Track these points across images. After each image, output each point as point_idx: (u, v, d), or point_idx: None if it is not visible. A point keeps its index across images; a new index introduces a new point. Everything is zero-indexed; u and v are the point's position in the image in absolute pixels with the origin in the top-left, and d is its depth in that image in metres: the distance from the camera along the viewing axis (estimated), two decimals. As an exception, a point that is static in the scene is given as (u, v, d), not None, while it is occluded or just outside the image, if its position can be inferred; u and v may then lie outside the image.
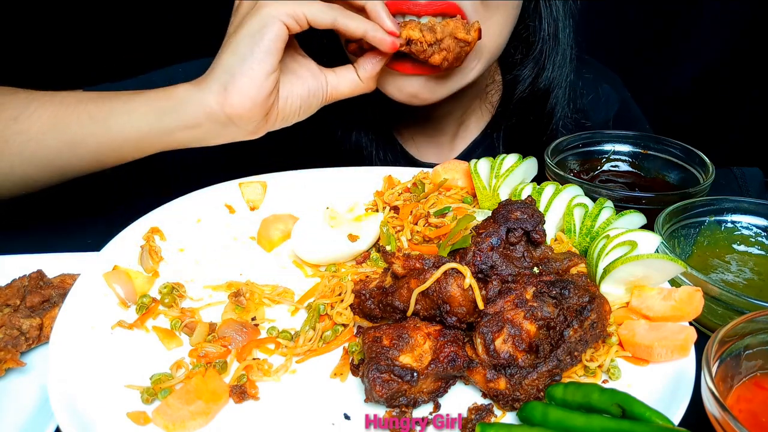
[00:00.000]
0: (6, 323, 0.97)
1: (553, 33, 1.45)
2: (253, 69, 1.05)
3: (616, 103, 1.70)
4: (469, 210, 1.17)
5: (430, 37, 1.17)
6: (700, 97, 2.47)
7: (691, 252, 1.16)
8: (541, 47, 1.46)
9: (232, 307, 1.02)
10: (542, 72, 1.47)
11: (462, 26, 1.19)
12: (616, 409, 0.73)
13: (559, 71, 1.48)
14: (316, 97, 1.20)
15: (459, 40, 1.18)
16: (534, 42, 1.46)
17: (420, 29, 1.16)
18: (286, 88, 1.16)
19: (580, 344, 0.85)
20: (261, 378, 0.89)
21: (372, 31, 1.12)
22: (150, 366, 0.90)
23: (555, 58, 1.47)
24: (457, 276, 0.86)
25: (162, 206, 1.20)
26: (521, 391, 0.81)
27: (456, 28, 1.18)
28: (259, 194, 1.29)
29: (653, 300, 0.93)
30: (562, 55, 1.47)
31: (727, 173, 1.54)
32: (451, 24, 1.18)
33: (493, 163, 1.22)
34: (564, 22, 1.46)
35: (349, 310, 0.98)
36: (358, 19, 1.11)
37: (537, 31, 1.45)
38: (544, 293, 0.87)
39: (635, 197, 1.19)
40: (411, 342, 0.85)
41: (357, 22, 1.11)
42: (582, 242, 1.09)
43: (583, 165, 1.40)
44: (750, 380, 0.84)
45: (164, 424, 0.79)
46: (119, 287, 1.01)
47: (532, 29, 1.45)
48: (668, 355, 0.87)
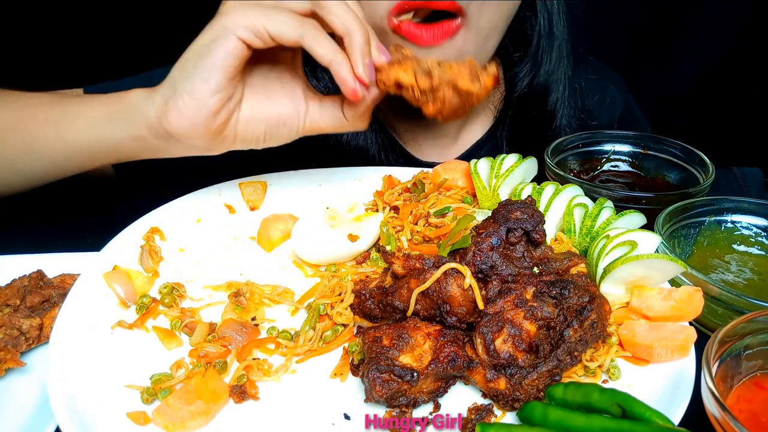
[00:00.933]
0: (6, 323, 0.97)
1: (548, 27, 1.45)
2: (195, 87, 0.94)
3: (621, 104, 1.70)
4: (469, 210, 1.17)
5: (424, 83, 0.98)
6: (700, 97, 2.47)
7: (691, 252, 1.16)
8: (538, 42, 1.45)
9: (232, 307, 1.02)
10: (540, 67, 1.47)
11: (468, 73, 0.97)
12: (616, 409, 0.73)
13: (556, 65, 1.47)
14: (287, 126, 1.05)
15: (461, 91, 0.98)
16: (531, 38, 1.46)
17: (414, 72, 0.98)
18: (251, 109, 1.02)
19: (580, 344, 0.85)
20: (261, 378, 0.89)
21: (337, 66, 0.94)
22: (150, 366, 0.90)
23: (551, 52, 1.46)
24: (457, 276, 0.86)
25: (162, 206, 1.20)
26: (521, 391, 0.81)
27: (458, 75, 0.97)
28: (259, 194, 1.29)
29: (653, 300, 0.93)
30: (558, 49, 1.46)
31: (727, 173, 1.54)
32: (454, 68, 0.98)
33: (493, 163, 1.22)
34: (558, 15, 1.46)
35: (349, 310, 0.98)
36: (329, 45, 0.94)
37: (533, 26, 1.44)
38: (544, 293, 0.87)
39: (635, 197, 1.19)
40: (411, 342, 0.85)
41: (326, 49, 0.93)
42: (582, 242, 1.09)
43: (583, 165, 1.40)
44: (750, 380, 0.84)
45: (164, 424, 0.79)
46: (119, 287, 1.01)
47: (528, 25, 1.45)
48: (668, 355, 0.87)
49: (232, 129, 1.02)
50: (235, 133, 1.03)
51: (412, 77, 0.98)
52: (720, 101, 2.47)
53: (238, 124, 1.02)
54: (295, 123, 1.06)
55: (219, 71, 0.93)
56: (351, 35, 0.94)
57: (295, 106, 1.05)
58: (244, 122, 1.02)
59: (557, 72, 1.48)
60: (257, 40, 0.93)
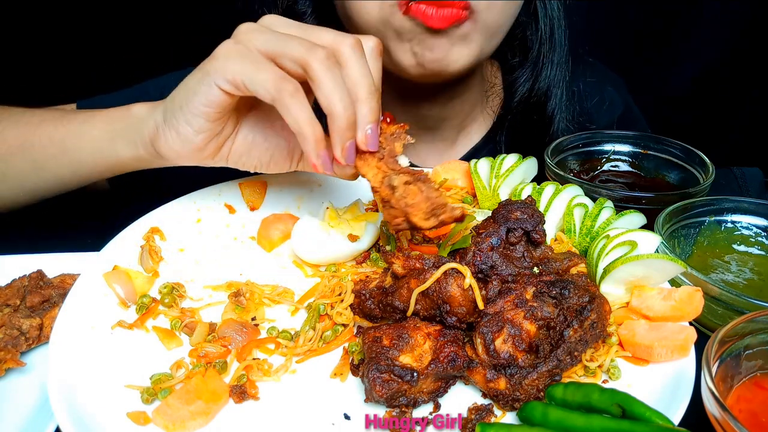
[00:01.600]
0: (6, 323, 0.97)
1: (549, 33, 1.45)
2: (180, 127, 0.97)
3: (621, 106, 1.70)
4: (469, 210, 1.17)
5: (386, 193, 0.92)
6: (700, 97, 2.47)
7: (691, 252, 1.16)
8: (539, 48, 1.46)
9: (232, 307, 1.02)
10: (540, 73, 1.47)
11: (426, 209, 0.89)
12: (616, 409, 0.73)
13: (556, 71, 1.47)
14: (278, 165, 1.09)
15: (410, 222, 0.91)
16: (531, 44, 1.46)
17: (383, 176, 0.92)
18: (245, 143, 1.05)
19: (580, 344, 0.85)
20: (261, 378, 0.89)
21: (302, 139, 0.90)
22: (150, 366, 0.90)
23: (552, 57, 1.47)
24: (457, 276, 0.86)
25: (162, 206, 1.20)
26: (521, 391, 0.81)
27: (415, 208, 0.89)
28: (259, 194, 1.29)
29: (653, 300, 0.93)
30: (558, 55, 1.47)
31: (727, 173, 1.54)
32: (416, 197, 0.89)
33: (493, 163, 1.22)
34: (560, 21, 1.46)
35: (349, 310, 0.98)
36: (302, 114, 0.88)
37: (534, 32, 1.45)
38: (544, 293, 0.87)
39: (635, 197, 1.19)
40: (411, 342, 0.85)
41: (295, 118, 0.88)
42: (582, 242, 1.09)
43: (583, 165, 1.40)
44: (750, 380, 0.84)
45: (164, 424, 0.79)
46: (119, 287, 1.01)
47: (529, 31, 1.45)
48: (668, 355, 0.87)
49: (224, 156, 1.06)
50: (227, 159, 1.06)
51: (379, 182, 0.93)
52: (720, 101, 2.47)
53: (230, 154, 1.06)
54: (287, 162, 1.10)
55: (200, 116, 0.96)
56: (333, 117, 0.88)
57: (288, 147, 1.08)
58: (236, 153, 1.06)
59: (557, 78, 1.48)
60: (236, 90, 0.92)
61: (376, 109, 0.92)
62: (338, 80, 0.88)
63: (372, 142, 0.92)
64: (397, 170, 0.92)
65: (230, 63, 0.90)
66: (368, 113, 0.90)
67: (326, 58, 0.88)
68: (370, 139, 0.91)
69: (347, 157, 0.91)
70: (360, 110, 0.90)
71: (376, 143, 0.92)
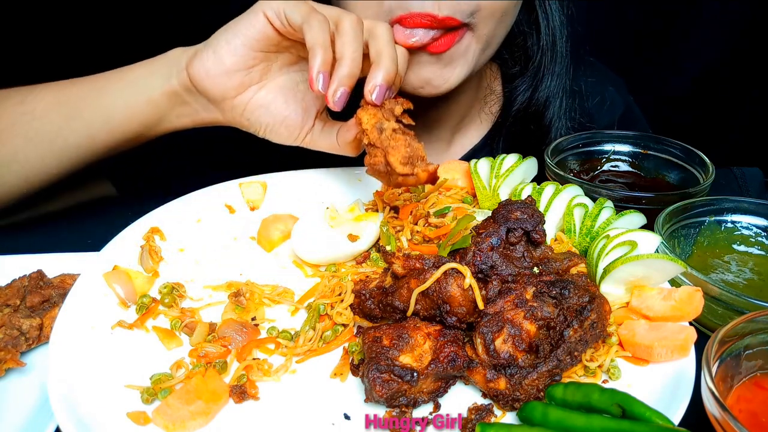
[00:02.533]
0: (6, 323, 0.97)
1: (551, 44, 1.45)
2: (218, 45, 1.08)
3: (621, 107, 1.70)
4: (469, 210, 1.17)
5: (373, 136, 1.00)
6: (700, 97, 2.47)
7: (691, 252, 1.16)
8: (540, 58, 1.46)
9: (232, 307, 1.02)
10: (541, 83, 1.47)
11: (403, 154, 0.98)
12: (616, 409, 0.73)
13: (557, 81, 1.48)
14: (288, 130, 1.16)
15: (387, 163, 0.98)
16: (532, 54, 1.46)
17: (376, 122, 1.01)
18: (266, 98, 1.13)
19: (580, 344, 0.85)
20: (261, 378, 0.89)
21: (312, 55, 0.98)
22: (150, 366, 0.90)
23: (553, 68, 1.47)
24: (457, 276, 0.86)
25: (162, 206, 1.20)
26: (521, 391, 0.81)
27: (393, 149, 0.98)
28: (259, 194, 1.29)
29: (653, 300, 0.93)
30: (560, 65, 1.47)
31: (727, 173, 1.54)
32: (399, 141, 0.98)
33: (493, 163, 1.22)
34: (561, 32, 1.46)
35: (349, 310, 0.98)
36: (320, 37, 0.99)
37: (535, 42, 1.45)
38: (544, 293, 0.87)
39: (635, 197, 1.19)
40: (411, 342, 0.85)
41: (314, 37, 0.98)
42: (582, 242, 1.09)
43: (583, 165, 1.40)
44: (750, 380, 0.84)
45: (164, 424, 0.79)
46: (119, 287, 1.01)
47: (530, 41, 1.45)
48: (668, 355, 0.87)
49: (242, 103, 1.13)
50: (243, 109, 1.14)
51: (371, 126, 1.01)
52: (720, 101, 2.47)
53: (249, 103, 1.13)
54: (296, 132, 1.17)
55: (240, 37, 1.06)
56: (340, 61, 1.00)
57: (303, 118, 1.16)
58: (254, 104, 1.14)
59: (557, 89, 1.48)
60: (276, 20, 1.04)
61: (393, 74, 1.02)
62: (359, 38, 1.01)
63: (378, 96, 1.01)
64: (391, 120, 1.02)
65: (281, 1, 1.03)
66: (384, 72, 1.01)
67: (357, 22, 1.02)
68: (377, 93, 1.01)
69: (337, 101, 0.99)
70: (379, 66, 1.01)
71: (381, 99, 1.01)
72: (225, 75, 1.09)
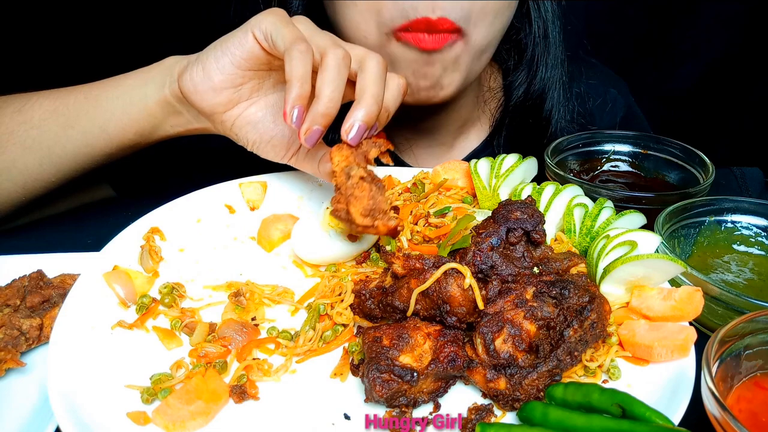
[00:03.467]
0: (6, 323, 0.97)
1: (543, 34, 1.46)
2: (207, 62, 1.06)
3: (623, 108, 1.70)
4: (469, 210, 1.17)
5: (340, 180, 0.98)
6: (700, 97, 2.47)
7: (691, 252, 1.16)
8: (533, 50, 1.46)
9: (232, 307, 1.02)
10: (535, 75, 1.48)
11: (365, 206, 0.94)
12: (616, 409, 0.73)
13: (551, 72, 1.48)
14: (274, 149, 1.15)
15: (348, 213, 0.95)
16: (525, 46, 1.46)
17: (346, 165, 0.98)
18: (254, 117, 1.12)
19: (580, 344, 0.85)
20: (261, 378, 0.89)
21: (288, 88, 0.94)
22: (150, 366, 0.90)
23: (547, 58, 1.47)
24: (457, 276, 0.86)
25: (162, 206, 1.20)
26: (521, 391, 0.81)
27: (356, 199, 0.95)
28: (259, 194, 1.29)
29: (653, 300, 0.93)
30: (553, 55, 1.47)
31: (727, 173, 1.54)
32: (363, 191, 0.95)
33: (493, 163, 1.22)
34: (554, 22, 1.46)
35: (349, 310, 0.98)
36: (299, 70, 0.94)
37: (528, 34, 1.45)
38: (544, 293, 0.87)
39: (635, 197, 1.19)
40: (411, 342, 0.85)
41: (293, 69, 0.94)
42: (582, 242, 1.09)
43: (583, 165, 1.40)
44: (750, 380, 0.84)
45: (164, 424, 0.79)
46: (119, 287, 1.01)
47: (523, 33, 1.45)
48: (668, 355, 0.87)
49: (231, 118, 1.12)
50: (231, 124, 1.13)
51: (341, 169, 0.99)
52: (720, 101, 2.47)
53: (238, 119, 1.12)
54: (282, 152, 1.16)
55: (229, 56, 1.05)
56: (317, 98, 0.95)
57: (289, 139, 1.15)
58: (243, 121, 1.13)
59: (553, 79, 1.48)
60: (264, 42, 1.02)
61: (374, 115, 0.98)
62: (341, 75, 0.96)
63: (354, 137, 0.98)
64: (361, 166, 0.99)
65: (268, 18, 1.01)
66: (365, 112, 0.97)
67: (344, 57, 0.97)
68: (354, 133, 0.98)
69: (308, 138, 0.96)
70: (360, 105, 0.97)
71: (357, 140, 0.99)
72: (212, 91, 1.08)
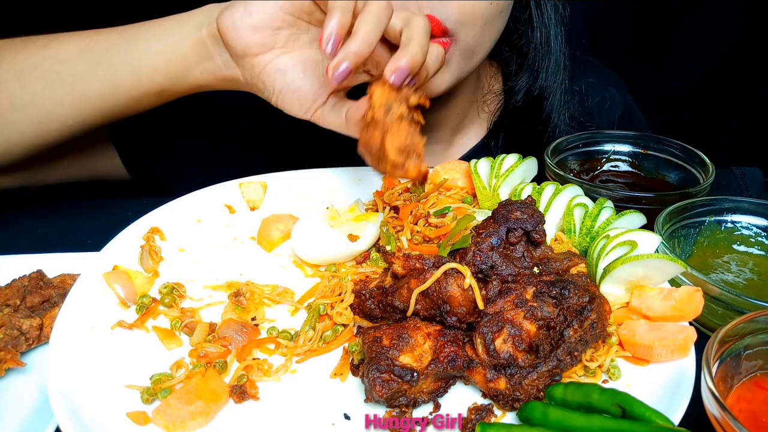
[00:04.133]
0: (6, 323, 0.97)
1: (545, 40, 1.46)
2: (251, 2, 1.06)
3: (621, 107, 1.70)
4: (469, 210, 1.17)
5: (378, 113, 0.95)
6: (700, 97, 2.47)
7: (691, 252, 1.16)
8: (534, 55, 1.46)
9: (232, 307, 1.02)
10: (536, 80, 1.48)
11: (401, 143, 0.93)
12: (616, 409, 0.73)
13: (552, 78, 1.48)
14: (299, 100, 1.13)
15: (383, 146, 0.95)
16: (527, 51, 1.46)
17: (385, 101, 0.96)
18: (285, 65, 1.10)
19: (580, 344, 0.85)
20: (261, 378, 0.89)
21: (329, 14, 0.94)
22: (150, 366, 0.90)
23: (548, 65, 1.47)
24: (457, 276, 0.86)
25: (162, 206, 1.20)
26: (521, 391, 0.81)
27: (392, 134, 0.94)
28: (259, 194, 1.29)
29: (653, 300, 0.93)
30: (555, 62, 1.48)
31: (727, 173, 1.54)
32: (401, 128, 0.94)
33: (493, 163, 1.22)
34: (556, 29, 1.46)
35: (349, 310, 0.98)
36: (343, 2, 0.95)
37: (530, 40, 1.45)
38: (544, 293, 0.87)
39: (635, 197, 1.19)
40: (411, 342, 0.85)
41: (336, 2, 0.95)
42: (582, 242, 1.09)
43: (583, 165, 1.40)
44: (750, 380, 0.84)
45: (164, 424, 0.79)
46: (119, 287, 1.01)
47: (525, 38, 1.45)
48: (668, 355, 0.87)
49: (262, 63, 1.10)
50: (261, 70, 1.10)
51: (380, 103, 0.96)
52: (720, 101, 2.47)
53: (268, 65, 1.10)
54: (307, 104, 1.12)
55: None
56: (353, 35, 0.95)
57: (316, 92, 1.12)
58: (273, 67, 1.10)
59: (553, 84, 1.48)
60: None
61: (419, 62, 0.96)
62: (381, 21, 0.95)
63: (397, 78, 0.95)
64: (403, 104, 0.96)
65: None
66: (410, 56, 0.95)
67: (387, 6, 0.96)
68: (398, 74, 0.95)
69: (337, 75, 0.94)
70: (407, 50, 0.95)
71: (399, 81, 0.95)
72: (250, 29, 1.06)
